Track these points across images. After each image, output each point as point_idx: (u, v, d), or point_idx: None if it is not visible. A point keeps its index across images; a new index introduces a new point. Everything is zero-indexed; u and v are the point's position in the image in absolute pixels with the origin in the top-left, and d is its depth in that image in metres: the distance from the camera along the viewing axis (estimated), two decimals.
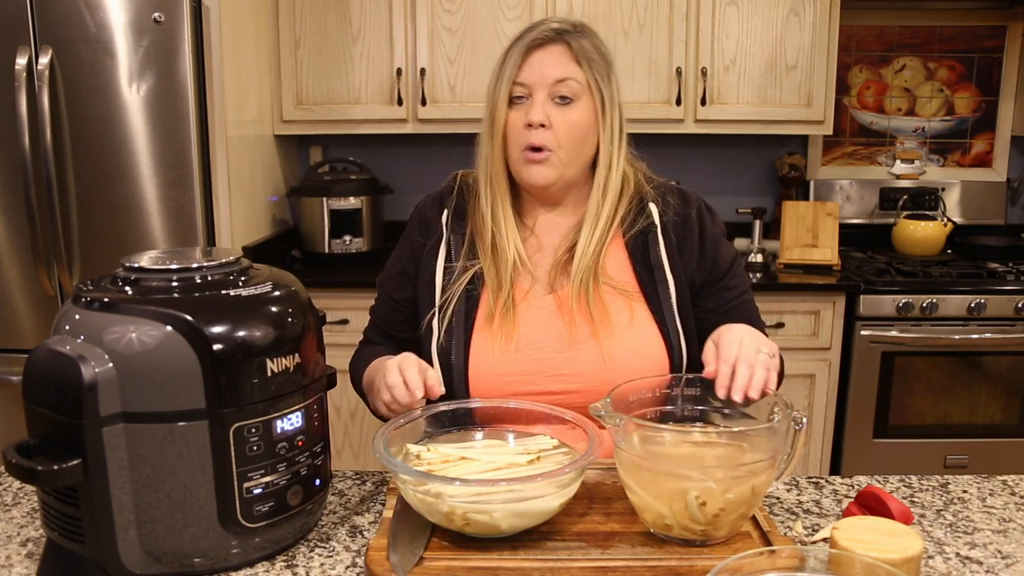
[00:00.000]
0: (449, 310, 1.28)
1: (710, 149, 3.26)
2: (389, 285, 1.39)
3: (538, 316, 1.28)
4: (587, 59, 1.26)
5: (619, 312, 1.27)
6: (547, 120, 1.24)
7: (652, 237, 1.31)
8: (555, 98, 1.25)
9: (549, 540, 0.98)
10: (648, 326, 1.27)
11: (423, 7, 2.81)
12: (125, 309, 0.90)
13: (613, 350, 1.24)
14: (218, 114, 2.41)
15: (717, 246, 1.33)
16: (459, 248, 1.32)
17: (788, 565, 0.76)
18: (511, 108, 1.27)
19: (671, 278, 1.29)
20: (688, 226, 1.32)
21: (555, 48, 1.26)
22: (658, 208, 1.33)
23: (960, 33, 3.20)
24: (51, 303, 2.44)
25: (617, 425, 0.97)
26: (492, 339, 1.26)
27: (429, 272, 1.33)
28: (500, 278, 1.28)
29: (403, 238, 1.40)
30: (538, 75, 1.25)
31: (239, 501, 0.93)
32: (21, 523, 1.09)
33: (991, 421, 2.73)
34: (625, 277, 1.30)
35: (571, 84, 1.25)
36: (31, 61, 2.29)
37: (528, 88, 1.26)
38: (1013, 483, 1.20)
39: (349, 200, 2.91)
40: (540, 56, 1.26)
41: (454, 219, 1.35)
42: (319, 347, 1.02)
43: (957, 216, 3.24)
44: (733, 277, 1.34)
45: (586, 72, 1.26)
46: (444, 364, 1.27)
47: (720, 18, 2.82)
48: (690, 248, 1.31)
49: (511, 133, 1.28)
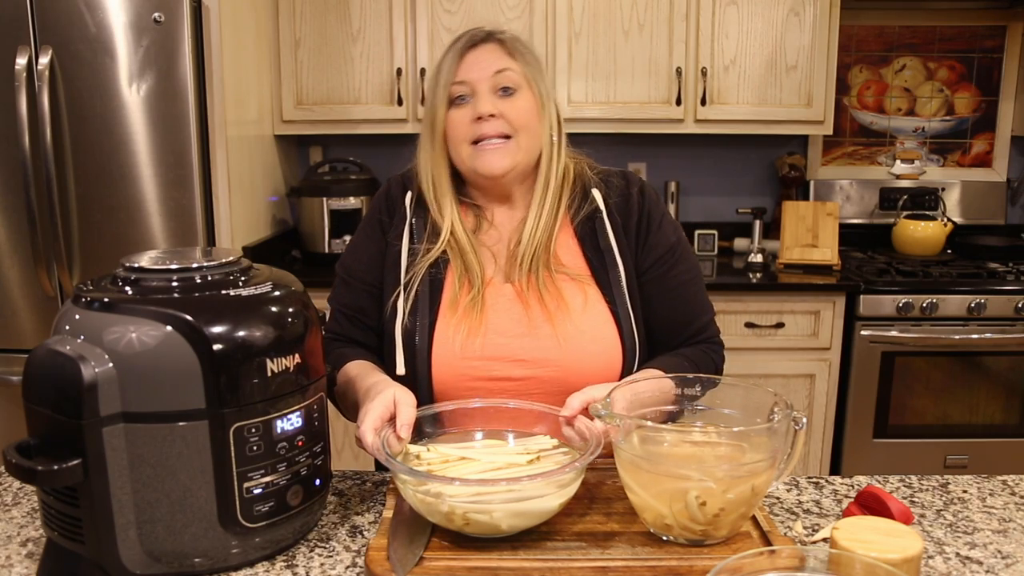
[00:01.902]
0: (413, 291, 1.30)
1: (710, 149, 3.26)
2: (357, 268, 1.37)
3: (499, 303, 1.30)
4: (520, 54, 1.30)
5: (573, 296, 1.29)
6: (495, 110, 1.26)
7: (599, 222, 1.33)
8: (497, 91, 1.28)
9: (549, 540, 0.98)
10: (600, 309, 1.29)
11: (423, 7, 2.81)
12: (125, 309, 0.90)
13: (568, 334, 1.26)
14: (218, 114, 2.41)
15: (658, 229, 1.34)
16: (422, 231, 1.34)
17: (788, 565, 0.76)
18: (454, 108, 1.29)
19: (620, 260, 1.31)
20: (630, 207, 1.34)
21: (489, 46, 1.30)
22: (601, 192, 1.35)
23: (960, 33, 3.20)
24: (51, 303, 2.44)
25: (617, 425, 0.97)
26: (457, 325, 1.27)
27: (394, 252, 1.34)
28: (468, 269, 1.30)
29: (367, 219, 1.40)
30: (476, 71, 1.28)
31: (239, 501, 0.93)
32: (21, 523, 1.09)
33: (991, 421, 2.73)
34: (577, 263, 1.32)
35: (510, 75, 1.28)
36: (31, 61, 2.29)
37: (469, 85, 1.28)
38: (1013, 483, 1.20)
39: (349, 200, 2.91)
40: (476, 54, 1.29)
41: (418, 202, 1.36)
42: (319, 347, 1.02)
43: (957, 216, 3.24)
44: (675, 263, 1.34)
45: (522, 64, 1.30)
46: (407, 346, 1.28)
47: (720, 18, 2.82)
48: (631, 230, 1.33)
49: (456, 132, 1.29)
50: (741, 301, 2.69)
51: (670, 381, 1.11)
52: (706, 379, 1.10)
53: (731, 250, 3.19)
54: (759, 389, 1.06)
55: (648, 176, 3.28)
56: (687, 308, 1.34)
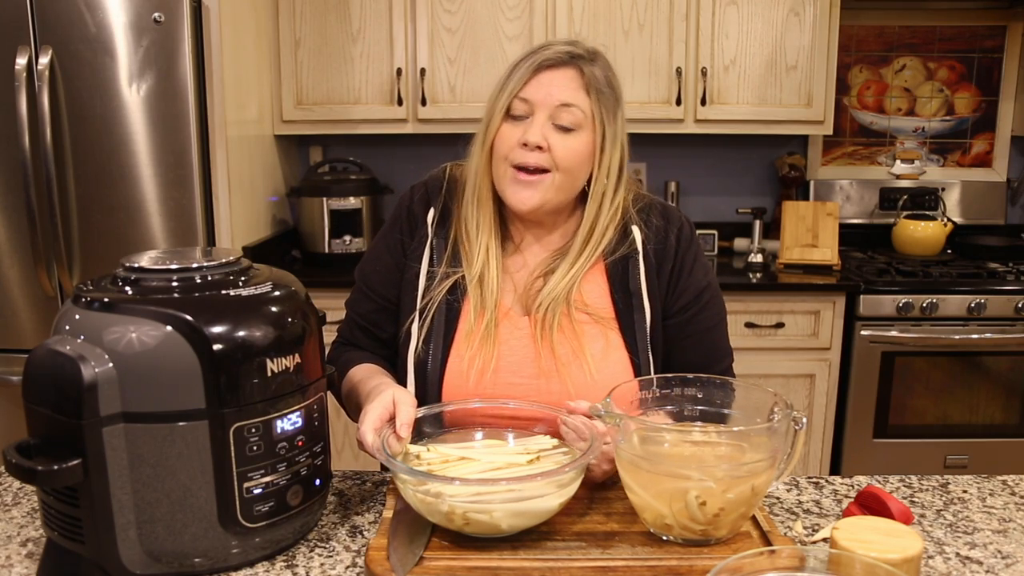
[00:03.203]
0: (429, 318, 1.26)
1: (710, 149, 3.26)
2: (376, 280, 1.34)
3: (516, 338, 1.26)
4: (596, 90, 1.21)
5: (592, 341, 1.24)
6: (544, 143, 1.19)
7: (633, 263, 1.27)
8: (555, 124, 1.20)
9: (549, 540, 0.98)
10: (619, 357, 1.24)
11: (423, 7, 2.81)
12: (125, 309, 0.90)
13: (581, 384, 1.22)
14: (218, 114, 2.41)
15: (689, 274, 1.29)
16: (442, 253, 1.29)
17: (788, 565, 0.76)
18: (508, 122, 1.22)
19: (647, 305, 1.26)
20: (667, 250, 1.28)
21: (566, 71, 1.21)
22: (641, 232, 1.28)
23: (960, 33, 3.20)
24: (51, 303, 2.44)
25: (617, 425, 0.97)
26: (472, 359, 1.24)
27: (412, 273, 1.30)
28: (484, 300, 1.25)
29: (389, 230, 1.35)
30: (544, 94, 1.20)
31: (239, 501, 0.93)
32: (21, 523, 1.09)
33: (991, 421, 2.73)
34: (602, 303, 1.27)
35: (575, 112, 1.20)
36: (31, 61, 2.29)
37: (530, 105, 1.20)
38: (1013, 483, 1.20)
39: (349, 200, 2.91)
40: (550, 76, 1.20)
41: (439, 221, 1.31)
42: (319, 347, 1.02)
43: (957, 216, 3.24)
44: (702, 309, 1.29)
45: (593, 103, 1.21)
46: (419, 373, 1.25)
47: (720, 18, 2.82)
48: (665, 274, 1.28)
49: (502, 146, 1.22)
50: (741, 301, 2.69)
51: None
52: (706, 379, 1.10)
53: (731, 250, 3.19)
54: (759, 389, 1.06)
55: (648, 176, 3.28)
56: (708, 354, 1.30)
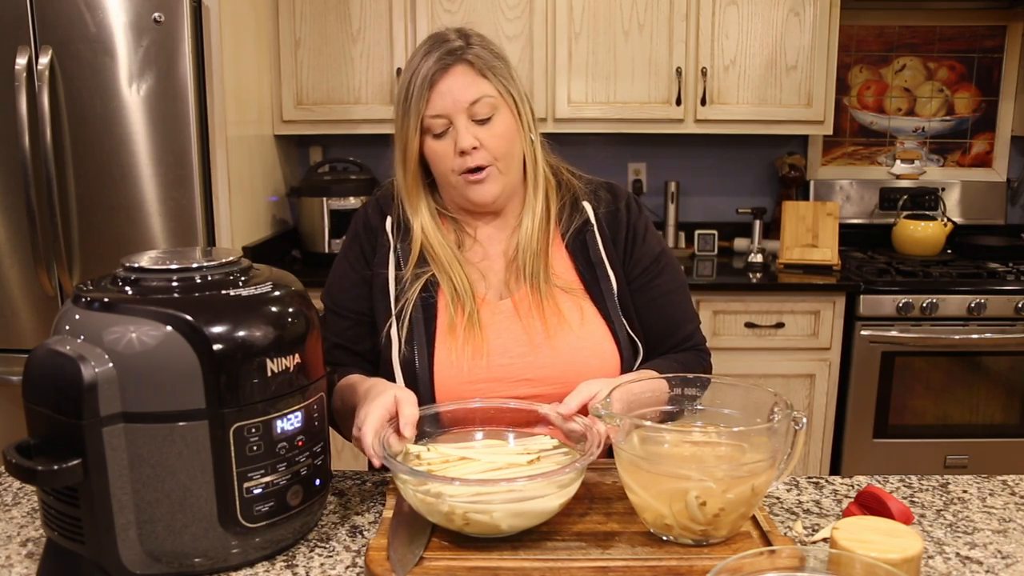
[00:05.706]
0: (407, 319, 1.27)
1: (710, 149, 3.26)
2: (345, 299, 1.34)
3: (498, 321, 1.28)
4: (490, 68, 1.25)
5: (570, 311, 1.29)
6: (476, 142, 1.23)
7: (590, 235, 1.33)
8: (475, 120, 1.24)
9: (549, 540, 0.98)
10: (597, 323, 1.29)
11: (423, 7, 2.81)
12: (125, 309, 0.90)
13: (568, 350, 1.26)
14: (218, 114, 2.41)
15: (643, 241, 1.35)
16: (407, 256, 1.31)
17: (788, 565, 0.76)
18: (433, 140, 1.25)
19: (611, 273, 1.31)
20: (618, 219, 1.34)
21: (456, 69, 1.24)
22: (591, 205, 1.34)
23: (960, 33, 3.20)
24: (51, 303, 2.44)
25: (617, 425, 0.97)
26: (459, 349, 1.26)
27: (381, 279, 1.31)
28: (458, 289, 1.28)
29: (348, 248, 1.36)
30: (450, 101, 1.23)
31: (239, 501, 0.93)
32: (21, 523, 1.09)
33: (991, 421, 2.73)
34: (569, 276, 1.32)
35: (486, 101, 1.24)
36: (31, 61, 2.29)
37: (446, 118, 1.24)
38: (1013, 483, 1.20)
39: (349, 200, 2.91)
40: (447, 83, 1.23)
41: (397, 228, 1.33)
42: (319, 347, 1.02)
43: (957, 216, 3.24)
44: (660, 273, 1.34)
45: (494, 82, 1.25)
46: (408, 374, 1.26)
47: (720, 18, 2.82)
48: (620, 242, 1.34)
49: (441, 163, 1.26)
50: (741, 301, 2.70)
51: (664, 382, 1.11)
52: (706, 379, 1.10)
53: (731, 250, 3.19)
54: (759, 389, 1.06)
55: (648, 176, 3.28)
56: (673, 317, 1.35)
